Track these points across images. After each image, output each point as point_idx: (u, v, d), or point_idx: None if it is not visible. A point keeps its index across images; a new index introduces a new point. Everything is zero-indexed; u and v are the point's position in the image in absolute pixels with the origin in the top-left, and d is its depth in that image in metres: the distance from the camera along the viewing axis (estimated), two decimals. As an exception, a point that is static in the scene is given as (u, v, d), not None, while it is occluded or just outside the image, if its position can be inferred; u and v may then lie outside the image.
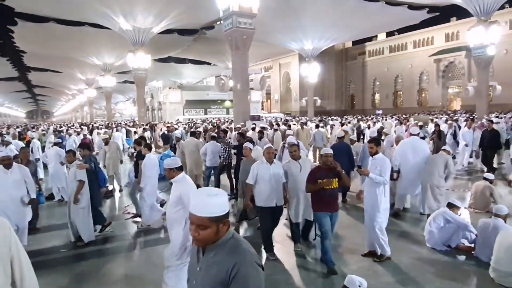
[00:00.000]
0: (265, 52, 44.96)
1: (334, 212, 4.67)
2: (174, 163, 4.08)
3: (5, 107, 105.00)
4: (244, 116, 19.49)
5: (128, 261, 5.32)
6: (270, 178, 4.95)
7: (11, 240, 2.13)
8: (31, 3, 26.02)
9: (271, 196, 4.99)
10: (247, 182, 5.20)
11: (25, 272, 2.18)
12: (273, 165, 5.06)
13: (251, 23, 18.68)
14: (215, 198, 1.62)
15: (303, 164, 5.20)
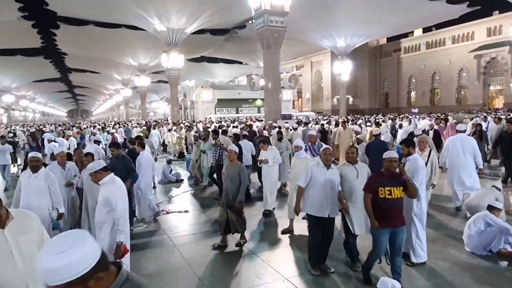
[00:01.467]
0: (296, 51, 44.63)
1: (397, 227, 3.98)
2: (98, 165, 3.93)
3: (48, 106, 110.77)
4: (275, 115, 19.47)
5: (161, 256, 5.44)
6: (325, 183, 4.41)
7: (43, 233, 2.29)
8: (72, 7, 27.26)
9: (325, 205, 4.43)
10: (298, 184, 4.64)
11: None
12: (331, 170, 4.48)
13: (282, 21, 18.62)
14: (63, 258, 1.18)
15: (360, 170, 4.58)
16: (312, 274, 4.52)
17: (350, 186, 4.54)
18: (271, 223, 6.90)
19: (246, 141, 9.28)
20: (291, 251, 5.49)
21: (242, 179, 5.45)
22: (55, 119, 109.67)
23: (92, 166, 3.94)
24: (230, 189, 5.44)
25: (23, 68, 47.59)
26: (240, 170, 5.51)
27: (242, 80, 61.04)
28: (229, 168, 5.63)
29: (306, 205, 4.57)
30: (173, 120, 29.52)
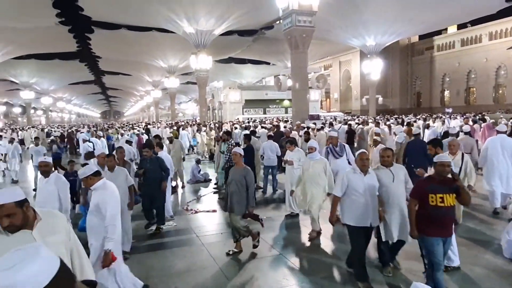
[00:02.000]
0: (324, 50, 44.14)
1: (448, 236, 3.71)
2: (88, 171, 3.83)
3: (83, 108, 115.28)
4: (302, 115, 19.34)
5: (190, 255, 5.52)
6: (364, 191, 4.12)
7: (69, 232, 2.28)
8: (106, 12, 28.23)
9: (366, 214, 4.14)
10: (333, 194, 4.40)
11: (84, 260, 2.32)
12: (368, 176, 4.20)
13: (310, 21, 18.48)
14: (8, 276, 1.02)
15: (396, 172, 4.34)
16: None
17: (386, 190, 4.29)
18: (297, 225, 6.86)
19: (271, 141, 9.26)
20: (318, 253, 5.43)
21: (248, 182, 5.19)
22: (89, 120, 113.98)
23: (83, 172, 3.83)
24: (236, 194, 5.16)
25: (60, 72, 49.80)
26: (245, 173, 5.21)
27: (269, 80, 61.03)
28: (234, 171, 5.35)
29: (345, 216, 4.27)
30: (202, 121, 29.95)
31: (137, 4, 25.54)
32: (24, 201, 2.03)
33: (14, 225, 2.00)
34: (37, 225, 2.11)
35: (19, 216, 2.00)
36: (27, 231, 2.06)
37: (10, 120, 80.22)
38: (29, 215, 2.07)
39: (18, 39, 32.66)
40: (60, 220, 2.29)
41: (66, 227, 2.27)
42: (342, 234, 5.73)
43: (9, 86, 54.87)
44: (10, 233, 2.02)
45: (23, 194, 2.06)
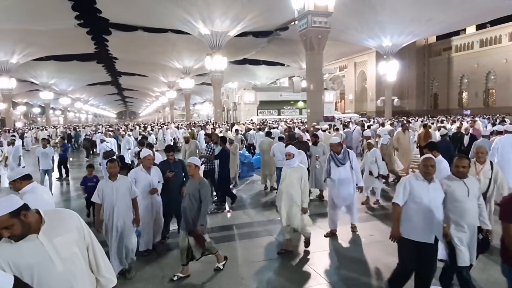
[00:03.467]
0: (340, 51, 43.87)
1: None
2: (16, 174, 3.60)
3: (100, 108, 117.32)
4: (317, 117, 19.24)
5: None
6: (429, 201, 3.60)
7: (84, 230, 2.24)
8: (123, 14, 28.69)
9: (430, 228, 3.62)
10: (394, 202, 3.77)
11: (99, 258, 2.30)
12: (433, 184, 3.68)
13: (326, 21, 18.37)
14: None
15: (470, 186, 3.72)
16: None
17: (460, 206, 3.69)
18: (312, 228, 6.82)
19: (281, 143, 9.24)
20: (335, 255, 5.40)
21: (202, 196, 4.56)
22: (106, 120, 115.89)
23: (10, 175, 3.67)
24: (189, 209, 4.57)
25: (78, 73, 50.83)
26: (200, 186, 4.59)
27: (284, 82, 60.95)
28: (189, 184, 4.76)
29: (405, 228, 3.71)
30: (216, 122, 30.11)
31: (153, 6, 25.87)
32: (20, 209, 1.97)
33: (15, 235, 1.96)
34: (43, 228, 2.06)
35: (17, 226, 1.95)
36: (33, 236, 2.02)
37: (29, 120, 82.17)
38: (30, 221, 2.00)
39: (38, 41, 33.49)
40: (70, 219, 2.23)
41: (77, 225, 2.23)
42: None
43: (29, 87, 56.25)
44: (14, 242, 1.98)
45: (18, 202, 1.99)
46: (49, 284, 2.03)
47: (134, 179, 5.36)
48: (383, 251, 5.25)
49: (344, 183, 6.00)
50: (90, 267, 2.29)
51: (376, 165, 7.95)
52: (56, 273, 2.04)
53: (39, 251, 2.02)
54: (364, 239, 5.98)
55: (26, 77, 48.96)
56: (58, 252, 2.06)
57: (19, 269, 1.98)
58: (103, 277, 2.32)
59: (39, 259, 2.01)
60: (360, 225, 6.50)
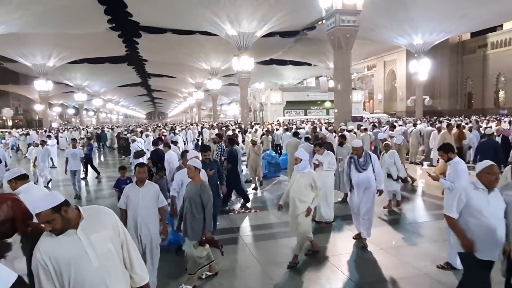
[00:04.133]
0: (368, 50, 43.04)
1: None
2: (11, 174, 3.59)
3: (130, 109, 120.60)
4: (345, 117, 18.94)
5: (233, 254, 5.57)
6: (490, 213, 3.26)
7: (119, 228, 2.33)
8: (153, 17, 29.39)
9: (493, 244, 3.26)
10: (447, 215, 3.43)
11: (133, 255, 2.39)
12: (493, 194, 3.33)
13: (354, 20, 18.05)
14: None
15: None
16: None
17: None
18: (339, 230, 6.73)
19: (308, 144, 9.13)
20: (361, 258, 5.30)
21: (204, 202, 4.26)
22: (136, 120, 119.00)
23: (7, 175, 3.64)
24: (190, 214, 4.29)
25: (110, 75, 52.57)
26: (201, 190, 4.29)
27: (310, 82, 60.42)
28: (189, 187, 4.45)
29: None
30: (244, 122, 30.26)
31: (182, 9, 26.34)
32: (61, 205, 2.08)
33: (55, 229, 2.08)
34: (81, 224, 2.17)
35: (58, 221, 2.07)
36: (72, 231, 2.13)
37: (64, 121, 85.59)
38: (70, 216, 2.12)
39: (73, 45, 34.88)
40: (107, 216, 2.32)
41: (113, 223, 2.31)
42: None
43: (64, 88, 58.61)
44: (55, 236, 2.11)
45: (60, 198, 2.11)
46: (84, 279, 2.11)
47: (181, 181, 5.16)
48: (412, 256, 5.11)
49: (364, 189, 5.66)
50: (124, 264, 2.36)
51: (395, 167, 7.65)
52: (92, 269, 2.12)
53: (76, 246, 2.11)
54: (394, 242, 5.84)
55: (61, 79, 51.06)
56: (94, 248, 2.14)
57: (58, 263, 2.08)
58: (136, 274, 2.39)
59: (76, 254, 2.10)
60: (386, 228, 6.35)
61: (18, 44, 32.95)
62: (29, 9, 23.84)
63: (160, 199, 4.37)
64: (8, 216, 2.20)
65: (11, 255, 2.26)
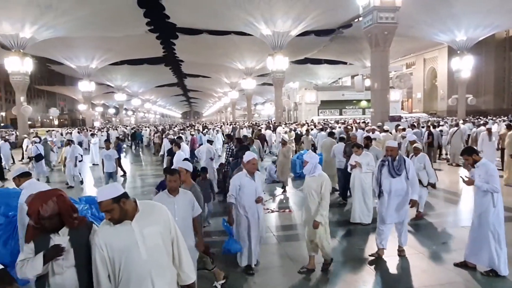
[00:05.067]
0: (407, 47, 41.65)
1: None
2: (14, 172, 3.84)
3: (166, 108, 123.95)
4: (382, 117, 18.45)
5: (266, 253, 5.54)
6: None
7: (170, 225, 2.42)
8: (189, 19, 30.07)
9: None
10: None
11: (182, 252, 2.46)
12: None
13: (393, 17, 17.55)
14: None
15: None
16: None
17: None
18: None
19: (342, 144, 8.95)
20: (399, 261, 5.13)
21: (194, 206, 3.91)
22: (172, 120, 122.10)
23: (12, 172, 3.97)
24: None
25: (148, 75, 54.34)
26: (192, 193, 3.94)
27: (346, 81, 59.33)
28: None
29: None
30: (277, 122, 30.23)
31: (218, 10, 26.73)
32: (121, 197, 2.23)
33: (113, 218, 2.24)
34: (136, 216, 2.29)
35: (116, 211, 2.22)
36: (128, 222, 2.27)
37: (105, 120, 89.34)
38: (128, 208, 2.26)
39: (114, 47, 36.37)
40: (160, 212, 2.43)
41: (165, 219, 2.41)
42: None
43: (106, 89, 61.23)
44: (114, 224, 2.26)
45: (120, 190, 2.26)
46: (132, 269, 2.24)
47: (238, 185, 4.63)
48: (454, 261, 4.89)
49: (398, 196, 5.07)
50: (173, 260, 2.45)
51: (425, 172, 6.97)
52: (140, 261, 2.24)
53: (130, 236, 2.25)
54: (435, 246, 5.62)
55: (103, 80, 53.37)
56: (145, 241, 2.26)
57: (112, 250, 2.25)
58: (183, 272, 2.48)
59: (128, 244, 2.24)
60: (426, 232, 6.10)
61: (64, 47, 34.81)
62: (74, 13, 25.11)
63: (195, 207, 3.84)
64: (55, 211, 2.34)
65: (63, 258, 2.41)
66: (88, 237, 2.48)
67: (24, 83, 27.67)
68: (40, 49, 31.56)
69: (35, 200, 2.39)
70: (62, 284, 2.38)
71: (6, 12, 23.25)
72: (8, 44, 26.06)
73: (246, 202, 4.66)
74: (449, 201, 8.66)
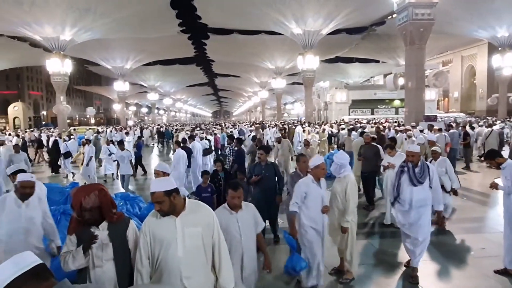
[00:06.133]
0: (444, 44, 40.08)
1: None
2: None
3: (197, 108, 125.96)
4: (417, 116, 17.90)
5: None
6: None
7: (214, 229, 2.45)
8: (220, 19, 30.38)
9: None
10: None
11: (223, 257, 2.48)
12: None
13: (430, 13, 16.98)
14: None
15: None
16: None
17: None
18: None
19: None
20: (435, 266, 4.95)
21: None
22: (202, 119, 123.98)
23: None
24: None
25: (179, 75, 55.42)
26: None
27: (378, 79, 57.97)
28: None
29: None
30: (307, 121, 29.99)
31: (248, 9, 26.84)
32: (172, 191, 2.32)
33: (162, 210, 2.32)
34: (182, 214, 2.37)
35: (166, 204, 2.31)
36: (173, 217, 2.35)
37: (138, 119, 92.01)
38: (177, 203, 2.35)
39: (148, 48, 37.35)
40: (206, 214, 2.48)
41: (209, 222, 2.45)
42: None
43: (139, 89, 63.03)
44: (161, 216, 2.36)
45: (173, 184, 2.35)
46: (167, 263, 2.32)
47: (305, 193, 4.08)
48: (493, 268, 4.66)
49: (420, 207, 4.46)
50: (213, 265, 2.48)
51: (447, 177, 6.49)
52: (175, 257, 2.31)
53: (171, 231, 2.34)
54: (473, 252, 5.39)
55: (136, 80, 54.95)
56: (185, 239, 2.33)
57: (154, 240, 2.36)
58: (221, 277, 2.49)
59: (169, 238, 2.33)
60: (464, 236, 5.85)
61: (100, 49, 36.12)
62: (110, 16, 26.01)
63: (259, 222, 3.34)
64: (96, 204, 2.44)
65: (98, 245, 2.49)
66: (126, 232, 2.57)
67: (64, 83, 28.96)
68: (78, 50, 32.93)
69: (79, 192, 2.51)
70: (102, 276, 2.48)
71: (48, 16, 24.40)
72: (50, 46, 27.36)
73: (313, 211, 4.08)
74: (485, 204, 8.28)
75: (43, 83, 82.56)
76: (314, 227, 4.10)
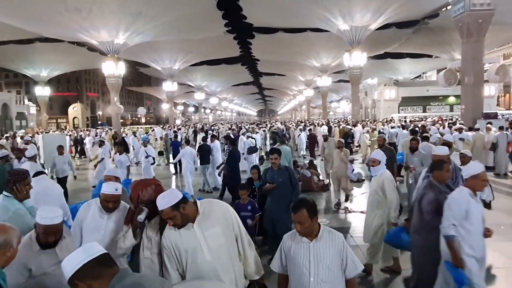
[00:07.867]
0: (505, 36, 37.05)
1: None
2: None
3: (242, 107, 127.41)
4: (474, 114, 16.78)
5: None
6: None
7: (233, 221, 2.48)
8: (265, 18, 30.43)
9: None
10: None
11: (246, 249, 2.53)
12: None
13: (489, 3, 15.82)
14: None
15: None
16: None
17: None
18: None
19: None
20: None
21: None
22: (247, 118, 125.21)
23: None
24: None
25: (225, 75, 56.34)
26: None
27: (431, 75, 55.11)
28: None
29: None
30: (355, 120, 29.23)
31: (294, 7, 26.61)
32: (179, 203, 2.27)
33: (176, 224, 2.30)
34: (197, 219, 2.36)
35: (178, 217, 2.28)
36: (190, 224, 2.35)
37: (186, 118, 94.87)
38: (188, 212, 2.31)
39: (195, 49, 38.35)
40: (220, 209, 2.48)
41: (227, 217, 2.47)
42: None
43: (186, 89, 64.90)
44: (177, 229, 2.34)
45: (178, 196, 2.29)
46: (198, 269, 2.33)
47: (465, 211, 3.18)
48: None
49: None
50: (239, 256, 2.52)
51: None
52: (205, 261, 2.32)
53: (193, 239, 2.33)
54: None
55: (184, 80, 56.62)
56: (208, 243, 2.33)
57: (179, 251, 2.35)
58: (249, 267, 2.55)
59: (192, 246, 2.33)
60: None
61: (151, 51, 37.65)
62: (160, 19, 27.01)
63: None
64: (151, 197, 2.53)
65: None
66: None
67: (117, 85, 30.52)
68: (130, 53, 34.55)
69: (138, 185, 2.63)
70: (151, 268, 2.56)
71: (103, 21, 25.85)
72: (105, 50, 28.98)
73: (475, 236, 3.20)
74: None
75: (99, 85, 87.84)
76: (474, 255, 3.17)
